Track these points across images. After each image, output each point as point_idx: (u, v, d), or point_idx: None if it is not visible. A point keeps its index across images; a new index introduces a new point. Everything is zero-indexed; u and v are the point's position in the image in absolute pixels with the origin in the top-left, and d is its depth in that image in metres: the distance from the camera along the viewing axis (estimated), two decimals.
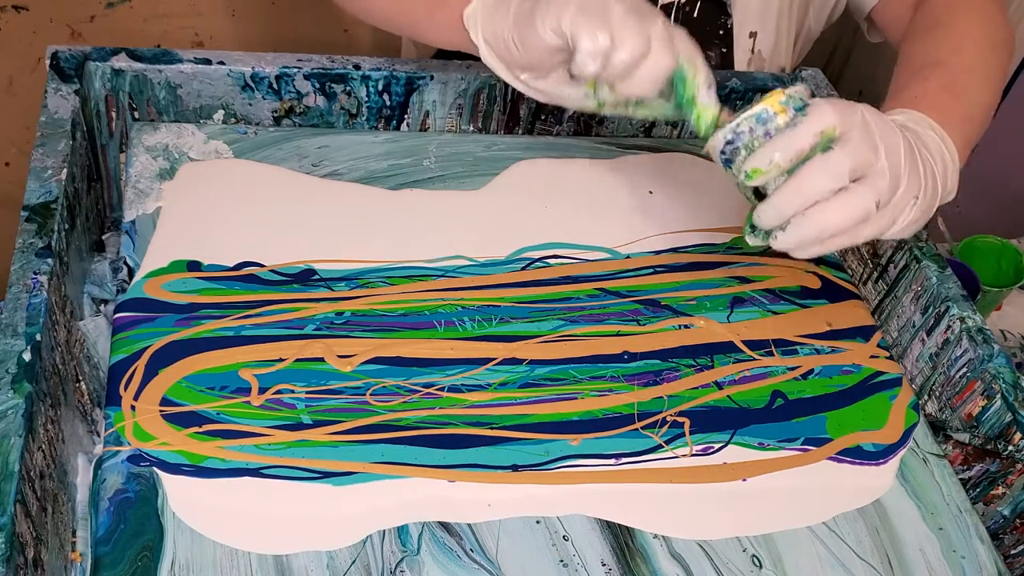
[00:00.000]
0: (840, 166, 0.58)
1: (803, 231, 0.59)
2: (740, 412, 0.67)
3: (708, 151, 0.63)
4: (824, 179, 0.58)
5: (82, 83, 0.74)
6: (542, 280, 0.73)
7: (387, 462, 0.60)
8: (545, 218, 0.78)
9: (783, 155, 0.58)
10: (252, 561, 0.55)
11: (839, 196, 0.58)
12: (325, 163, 0.79)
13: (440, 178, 0.80)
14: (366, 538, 0.57)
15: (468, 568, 0.57)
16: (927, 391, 0.72)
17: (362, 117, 0.83)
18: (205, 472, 0.58)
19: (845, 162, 0.58)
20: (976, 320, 0.69)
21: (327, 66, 0.79)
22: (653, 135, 0.89)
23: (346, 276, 0.70)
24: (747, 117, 0.60)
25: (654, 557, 0.59)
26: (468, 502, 0.60)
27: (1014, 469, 0.65)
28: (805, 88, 0.61)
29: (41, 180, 0.64)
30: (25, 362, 0.54)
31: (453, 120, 0.84)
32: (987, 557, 0.63)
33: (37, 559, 0.51)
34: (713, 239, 0.79)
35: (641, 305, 0.73)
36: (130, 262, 0.69)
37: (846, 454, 0.66)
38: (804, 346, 0.72)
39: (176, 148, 0.77)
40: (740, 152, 0.61)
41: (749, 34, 0.88)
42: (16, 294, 0.57)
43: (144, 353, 0.63)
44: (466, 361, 0.67)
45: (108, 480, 0.57)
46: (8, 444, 0.50)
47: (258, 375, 0.63)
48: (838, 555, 0.61)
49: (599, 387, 0.67)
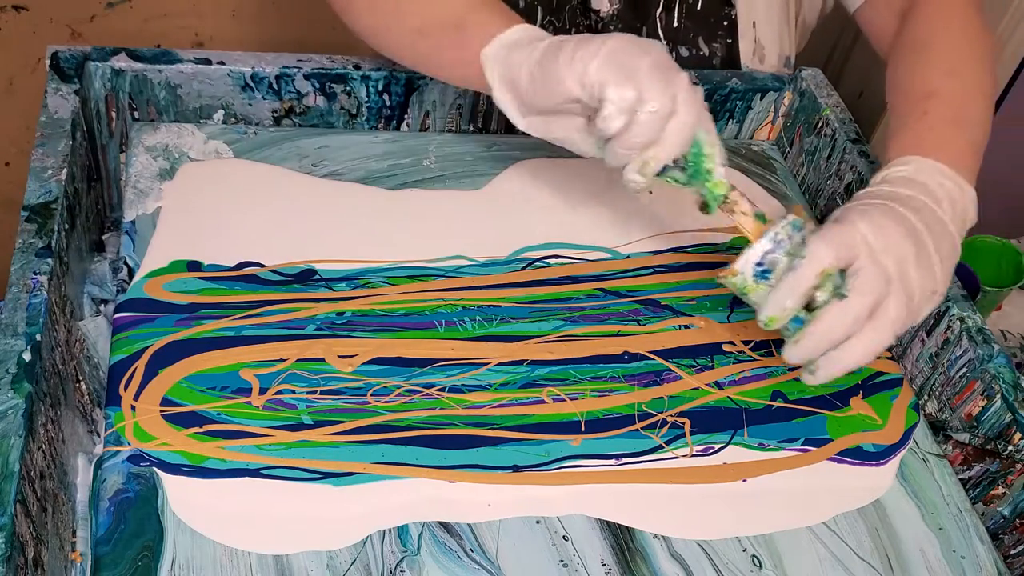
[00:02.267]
0: (859, 310, 0.59)
1: (832, 371, 0.61)
2: (740, 412, 0.67)
3: (735, 268, 0.62)
4: (846, 325, 0.59)
5: (82, 83, 0.74)
6: (542, 280, 0.73)
7: (387, 462, 0.60)
8: (545, 218, 0.78)
9: (793, 301, 0.60)
10: (252, 561, 0.55)
11: (861, 334, 0.60)
12: (325, 163, 0.79)
13: (440, 178, 0.80)
14: (366, 538, 0.57)
15: (468, 568, 0.57)
16: (927, 391, 0.72)
17: (362, 117, 0.82)
18: (205, 472, 0.58)
19: (863, 303, 0.59)
20: (976, 320, 0.69)
21: (327, 66, 0.79)
22: None
23: (346, 276, 0.70)
24: (783, 226, 0.61)
25: (654, 557, 0.59)
26: (468, 503, 0.60)
27: (1014, 469, 0.65)
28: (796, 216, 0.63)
29: (41, 180, 0.64)
30: (25, 362, 0.54)
31: (453, 120, 0.84)
32: (987, 557, 0.63)
33: (37, 559, 0.51)
34: (713, 239, 0.79)
35: (641, 305, 0.73)
36: (130, 262, 0.69)
37: (846, 454, 0.66)
38: None
39: (176, 148, 0.77)
40: (780, 261, 0.61)
41: (752, 24, 0.88)
42: (16, 294, 0.57)
43: (144, 353, 0.63)
44: (466, 361, 0.67)
45: (108, 480, 0.57)
46: (8, 444, 0.50)
47: (259, 375, 0.63)
48: (838, 555, 0.61)
49: (600, 387, 0.67)
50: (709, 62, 0.89)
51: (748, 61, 0.90)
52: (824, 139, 0.85)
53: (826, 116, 0.85)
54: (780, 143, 0.91)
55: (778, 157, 0.90)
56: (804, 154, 0.88)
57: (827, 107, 0.85)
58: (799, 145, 0.88)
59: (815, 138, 0.86)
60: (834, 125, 0.84)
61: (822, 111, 0.85)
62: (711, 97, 0.86)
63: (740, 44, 0.88)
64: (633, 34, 0.63)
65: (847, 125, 0.84)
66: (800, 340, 0.60)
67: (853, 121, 0.84)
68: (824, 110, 0.85)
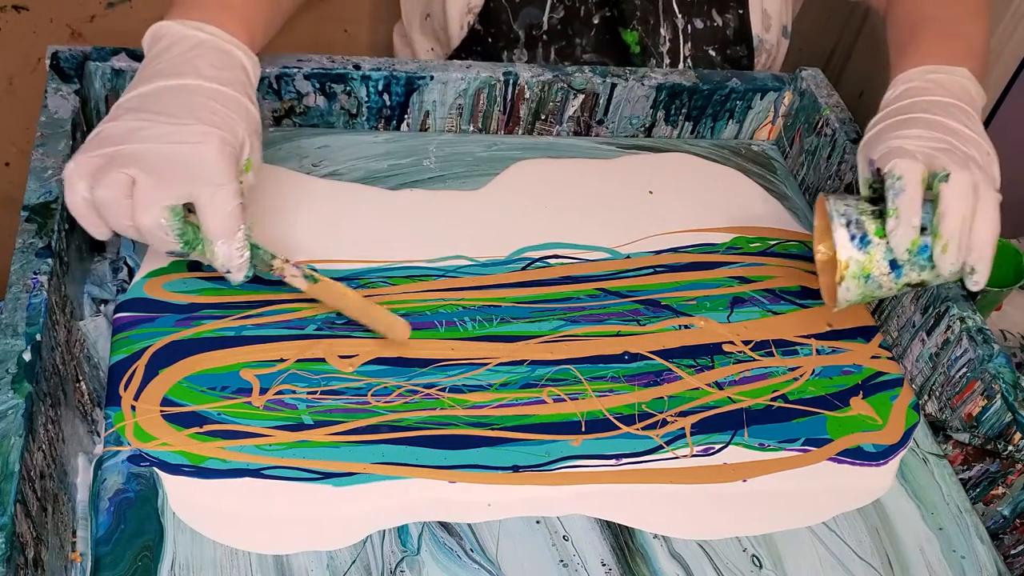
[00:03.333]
0: (964, 178, 0.62)
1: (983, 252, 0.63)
2: (740, 413, 0.67)
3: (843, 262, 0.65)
4: (965, 192, 0.62)
5: (82, 83, 0.74)
6: (542, 280, 0.73)
7: (388, 463, 0.60)
8: (545, 218, 0.78)
9: (916, 215, 0.63)
10: (252, 561, 0.55)
11: (981, 203, 0.63)
12: (325, 163, 0.79)
13: (440, 178, 0.80)
14: (366, 538, 0.57)
15: (468, 568, 0.57)
16: (927, 391, 0.72)
17: (362, 117, 0.82)
18: (205, 472, 0.58)
19: (964, 174, 0.63)
20: (976, 320, 0.69)
21: (327, 66, 0.79)
22: (653, 135, 0.89)
23: (347, 276, 0.70)
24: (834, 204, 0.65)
25: (654, 557, 0.59)
26: (468, 503, 0.59)
27: (1014, 469, 0.65)
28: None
29: (41, 180, 0.64)
30: (25, 362, 0.54)
31: (453, 120, 0.84)
32: (987, 557, 0.63)
33: (37, 559, 0.51)
34: (713, 239, 0.79)
35: (641, 305, 0.73)
36: (130, 262, 0.69)
37: (846, 455, 0.66)
38: (804, 346, 0.72)
39: None
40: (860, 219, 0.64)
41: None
42: (16, 294, 0.57)
43: (144, 353, 0.63)
44: (467, 361, 0.67)
45: (108, 480, 0.57)
46: (8, 444, 0.50)
47: (259, 375, 0.63)
48: (838, 555, 0.61)
49: (600, 387, 0.67)
50: (723, 31, 0.92)
51: (757, 30, 0.93)
52: (824, 139, 0.85)
53: (826, 116, 0.85)
54: (780, 143, 0.91)
55: (778, 157, 0.90)
56: (804, 154, 0.88)
57: (827, 107, 0.85)
58: (799, 145, 0.88)
59: (815, 138, 0.86)
60: (834, 125, 0.84)
61: (822, 111, 0.85)
62: (711, 97, 0.86)
63: (750, 14, 0.91)
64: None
65: (847, 125, 0.84)
66: (943, 236, 0.62)
67: (853, 121, 0.84)
68: (824, 110, 0.85)
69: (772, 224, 0.82)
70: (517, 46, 0.91)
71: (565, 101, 0.84)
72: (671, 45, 0.91)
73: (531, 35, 0.90)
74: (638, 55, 0.91)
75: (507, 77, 0.82)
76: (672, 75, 0.86)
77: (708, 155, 0.88)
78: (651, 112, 0.87)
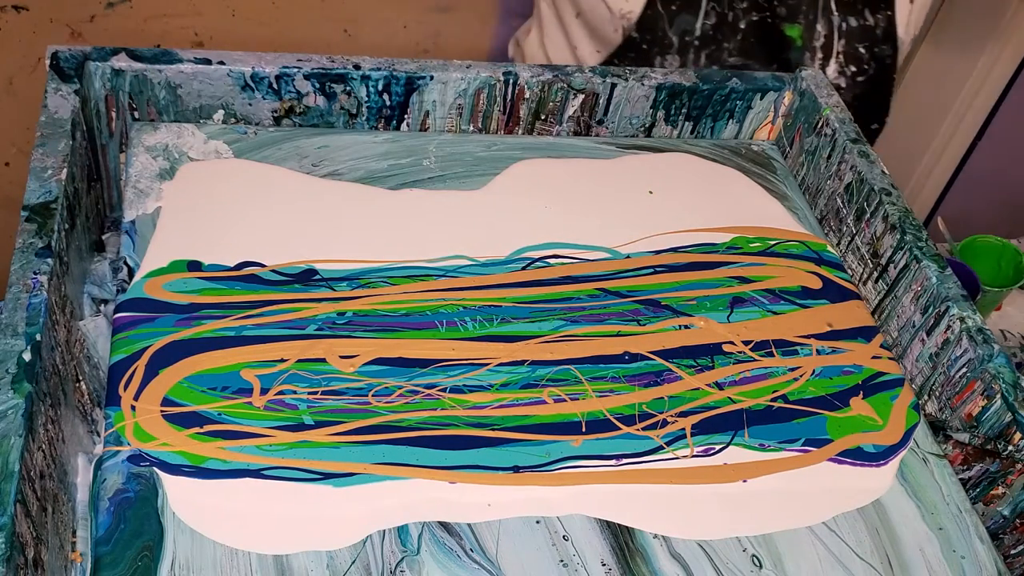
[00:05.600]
0: None
1: None
2: (741, 413, 0.67)
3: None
4: None
5: (82, 83, 0.74)
6: (543, 280, 0.73)
7: (388, 463, 0.60)
8: (545, 218, 0.78)
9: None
10: (252, 561, 0.55)
11: None
12: (325, 163, 0.79)
13: (440, 178, 0.80)
14: (366, 538, 0.57)
15: (468, 568, 0.57)
16: (927, 391, 0.72)
17: (362, 117, 0.82)
18: (206, 473, 0.58)
19: None
20: (976, 320, 0.69)
21: (327, 66, 0.79)
22: (653, 135, 0.89)
23: (347, 276, 0.70)
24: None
25: (654, 557, 0.59)
26: (468, 503, 0.59)
27: (1014, 469, 0.65)
28: None
29: (41, 180, 0.64)
30: (25, 362, 0.54)
31: (453, 120, 0.84)
32: (987, 557, 0.63)
33: (37, 559, 0.51)
34: (713, 239, 0.79)
35: (641, 305, 0.73)
36: (130, 262, 0.69)
37: (846, 455, 0.66)
38: (804, 347, 0.72)
39: (176, 148, 0.77)
40: None
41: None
42: (16, 294, 0.57)
43: (144, 353, 0.63)
44: (467, 362, 0.67)
45: (108, 480, 0.57)
46: (8, 444, 0.50)
47: (259, 375, 0.63)
48: (838, 555, 0.61)
49: (600, 388, 0.67)
50: (874, 31, 0.98)
51: (901, 32, 0.99)
52: (824, 139, 0.85)
53: (826, 116, 0.85)
54: (780, 143, 0.91)
55: (778, 157, 0.90)
56: (804, 154, 0.88)
57: (827, 107, 0.85)
58: (799, 145, 0.88)
59: (815, 138, 0.86)
60: (834, 125, 0.84)
61: (822, 111, 0.85)
62: (711, 97, 0.87)
63: (897, 13, 0.98)
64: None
65: (847, 125, 0.84)
66: None
67: (853, 121, 0.84)
68: (824, 110, 0.85)
69: (772, 224, 0.82)
70: (670, 51, 0.96)
71: (565, 101, 0.84)
72: (825, 41, 0.97)
73: (684, 41, 0.96)
74: (799, 49, 0.97)
75: (507, 77, 0.82)
76: (672, 75, 0.86)
77: (708, 155, 0.88)
78: (651, 112, 0.87)
